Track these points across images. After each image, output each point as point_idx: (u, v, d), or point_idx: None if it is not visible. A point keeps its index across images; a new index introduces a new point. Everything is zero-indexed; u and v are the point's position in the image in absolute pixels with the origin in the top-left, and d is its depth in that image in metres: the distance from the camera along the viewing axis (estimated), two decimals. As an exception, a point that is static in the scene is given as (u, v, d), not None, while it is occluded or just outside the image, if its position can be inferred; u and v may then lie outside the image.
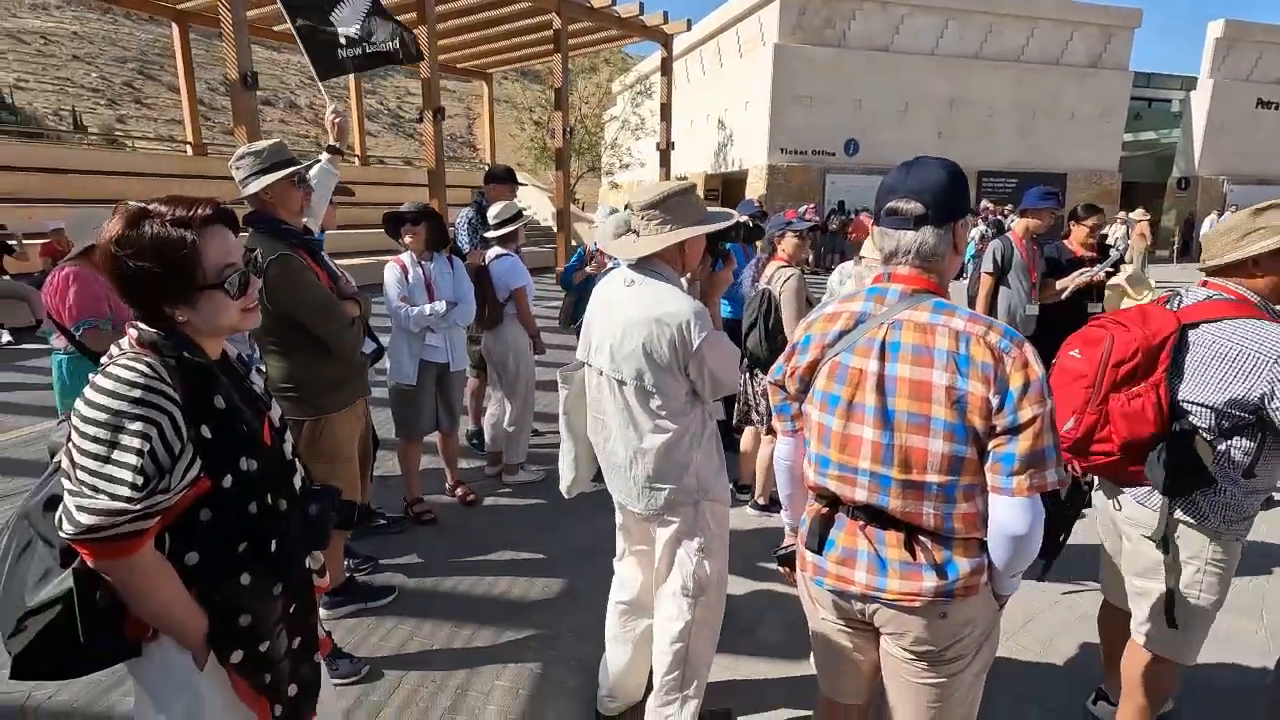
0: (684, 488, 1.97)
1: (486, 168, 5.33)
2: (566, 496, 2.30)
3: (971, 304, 4.31)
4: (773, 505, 3.85)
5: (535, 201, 20.68)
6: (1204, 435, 1.76)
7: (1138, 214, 13.06)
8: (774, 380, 1.60)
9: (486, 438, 4.48)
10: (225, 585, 1.26)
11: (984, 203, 17.09)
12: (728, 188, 21.77)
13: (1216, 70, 22.39)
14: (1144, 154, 24.26)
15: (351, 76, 15.45)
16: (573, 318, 4.60)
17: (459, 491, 3.97)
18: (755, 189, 19.30)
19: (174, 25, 13.86)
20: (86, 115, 39.27)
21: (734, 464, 4.17)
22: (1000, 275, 4.15)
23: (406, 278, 3.44)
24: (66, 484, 1.14)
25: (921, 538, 1.39)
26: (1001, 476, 1.31)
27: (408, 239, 3.47)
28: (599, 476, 2.21)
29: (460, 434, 4.27)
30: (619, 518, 2.23)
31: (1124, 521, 2.00)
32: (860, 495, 1.42)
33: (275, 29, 13.52)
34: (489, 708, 2.37)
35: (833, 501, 1.48)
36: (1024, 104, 20.78)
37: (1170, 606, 1.89)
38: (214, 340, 1.32)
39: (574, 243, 14.53)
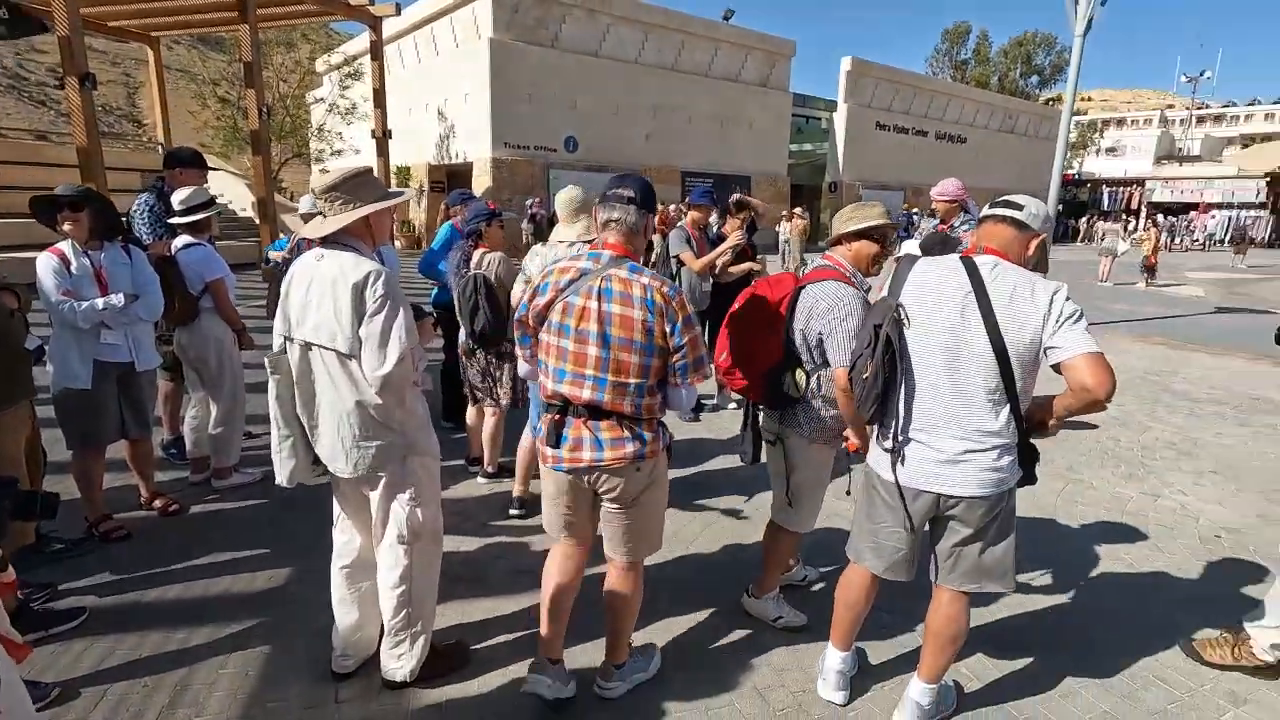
0: (390, 444, 2.18)
1: (160, 148, 4.70)
2: (288, 486, 2.32)
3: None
4: (501, 473, 4.20)
5: (230, 189, 18.24)
6: (805, 367, 2.51)
7: (798, 211, 16.02)
8: (519, 317, 2.19)
9: (188, 443, 4.12)
10: None
11: (688, 199, 19.32)
12: (452, 179, 21.46)
13: (849, 97, 28.06)
14: (805, 162, 29.43)
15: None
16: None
17: (158, 503, 3.63)
18: (480, 181, 19.37)
19: None
20: None
21: (464, 442, 4.48)
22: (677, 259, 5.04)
23: (69, 269, 3.05)
24: None
25: (624, 420, 2.07)
26: (680, 376, 2.09)
27: (67, 226, 3.08)
28: (320, 461, 2.29)
29: (155, 445, 3.88)
30: (334, 484, 2.36)
31: (765, 432, 2.73)
32: (585, 395, 2.06)
33: None
34: (215, 695, 2.36)
35: (563, 408, 2.10)
36: (715, 114, 23.85)
37: (786, 489, 2.67)
38: None
39: (280, 234, 13.25)
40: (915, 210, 25.87)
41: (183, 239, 3.82)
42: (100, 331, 3.13)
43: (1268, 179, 34.75)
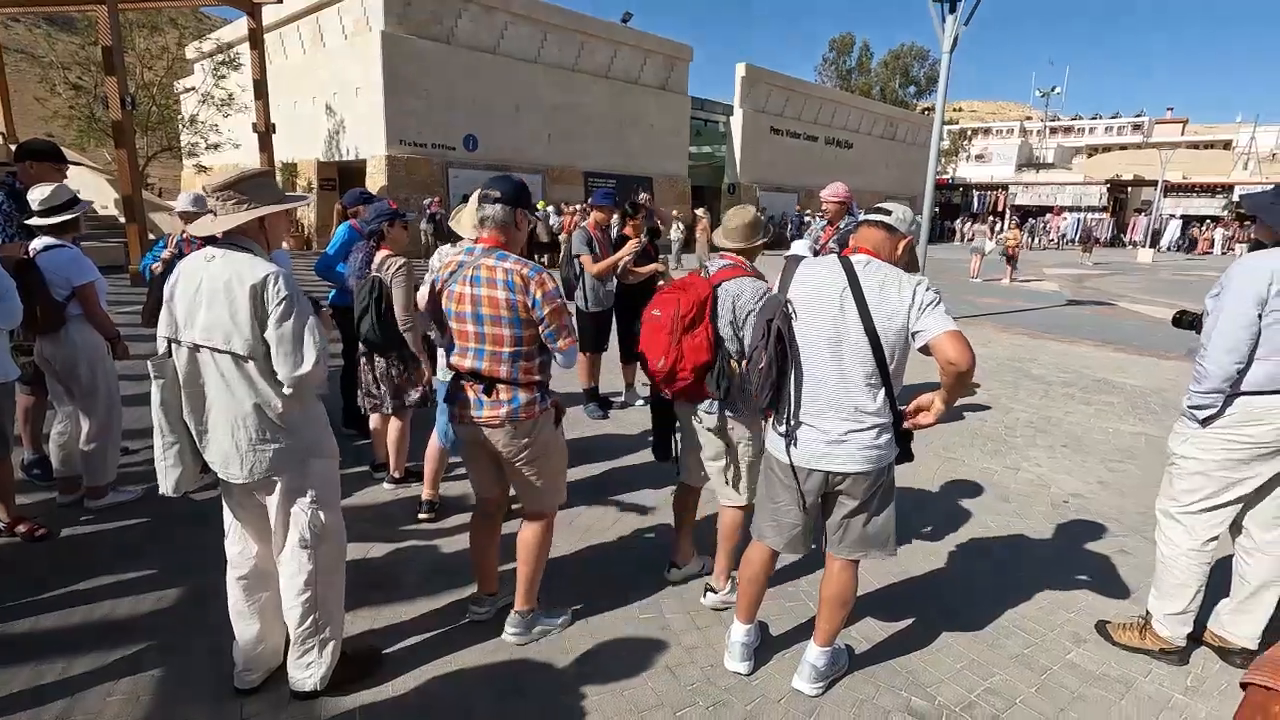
0: (288, 447, 2.15)
1: (2, 138, 4.21)
2: (174, 495, 2.23)
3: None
4: (408, 478, 4.13)
5: (89, 185, 16.63)
6: (734, 357, 2.66)
7: (700, 212, 16.43)
8: (430, 304, 2.54)
9: (54, 462, 3.78)
10: None
11: (590, 199, 19.39)
12: (345, 176, 20.52)
13: (744, 102, 29.08)
14: (705, 164, 30.24)
15: None
16: (156, 311, 4.12)
17: (21, 528, 3.33)
18: (375, 179, 18.62)
19: None
20: None
21: (367, 449, 4.36)
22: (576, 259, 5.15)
23: (-92, 274, 2.76)
24: None
25: (499, 385, 2.43)
26: (551, 342, 2.44)
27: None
28: (208, 469, 2.23)
29: (15, 465, 3.54)
30: (224, 490, 2.29)
31: (700, 425, 2.83)
32: (467, 364, 2.44)
33: None
34: (102, 723, 2.23)
35: (458, 374, 2.48)
36: (615, 115, 24.06)
37: (730, 471, 2.84)
38: None
39: (151, 235, 12.22)
40: (808, 211, 27.25)
41: (43, 240, 3.51)
42: (-51, 342, 2.84)
43: (1108, 185, 39.08)
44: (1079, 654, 2.77)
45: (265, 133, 14.81)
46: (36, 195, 3.50)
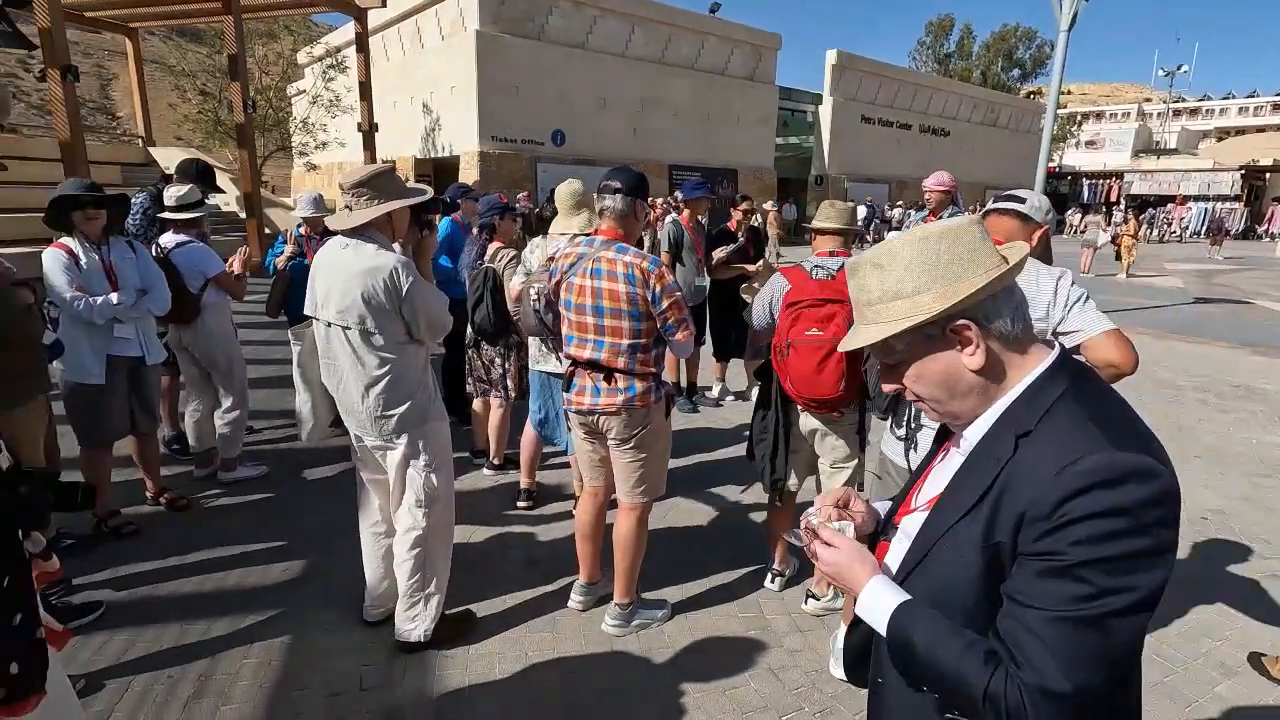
0: (408, 414, 2.38)
1: (140, 141, 4.61)
2: (307, 444, 2.56)
3: None
4: (507, 465, 4.24)
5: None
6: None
7: (768, 205, 16.10)
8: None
9: (190, 439, 4.11)
10: None
11: (676, 193, 19.35)
12: (439, 173, 21.30)
13: (834, 91, 28.19)
14: (791, 155, 29.54)
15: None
16: (282, 305, 4.40)
17: (164, 498, 3.64)
18: (468, 175, 19.24)
19: None
20: None
21: (471, 433, 4.51)
22: (676, 253, 5.06)
23: (78, 265, 3.05)
24: None
25: (616, 374, 2.46)
26: (670, 335, 2.47)
27: (85, 224, 3.07)
28: (336, 422, 2.57)
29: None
30: (356, 454, 2.57)
31: (832, 432, 2.69)
32: (586, 354, 2.48)
33: None
34: (240, 684, 2.39)
35: (575, 362, 2.53)
36: (701, 107, 23.85)
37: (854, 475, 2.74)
38: None
39: (267, 230, 13.10)
40: (899, 204, 26.17)
41: (173, 238, 3.79)
42: (113, 326, 3.12)
43: (1242, 172, 35.45)
44: (1229, 687, 2.51)
45: (369, 132, 15.55)
46: (172, 193, 3.79)
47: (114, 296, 3.08)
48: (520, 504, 3.81)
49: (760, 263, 5.38)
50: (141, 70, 15.80)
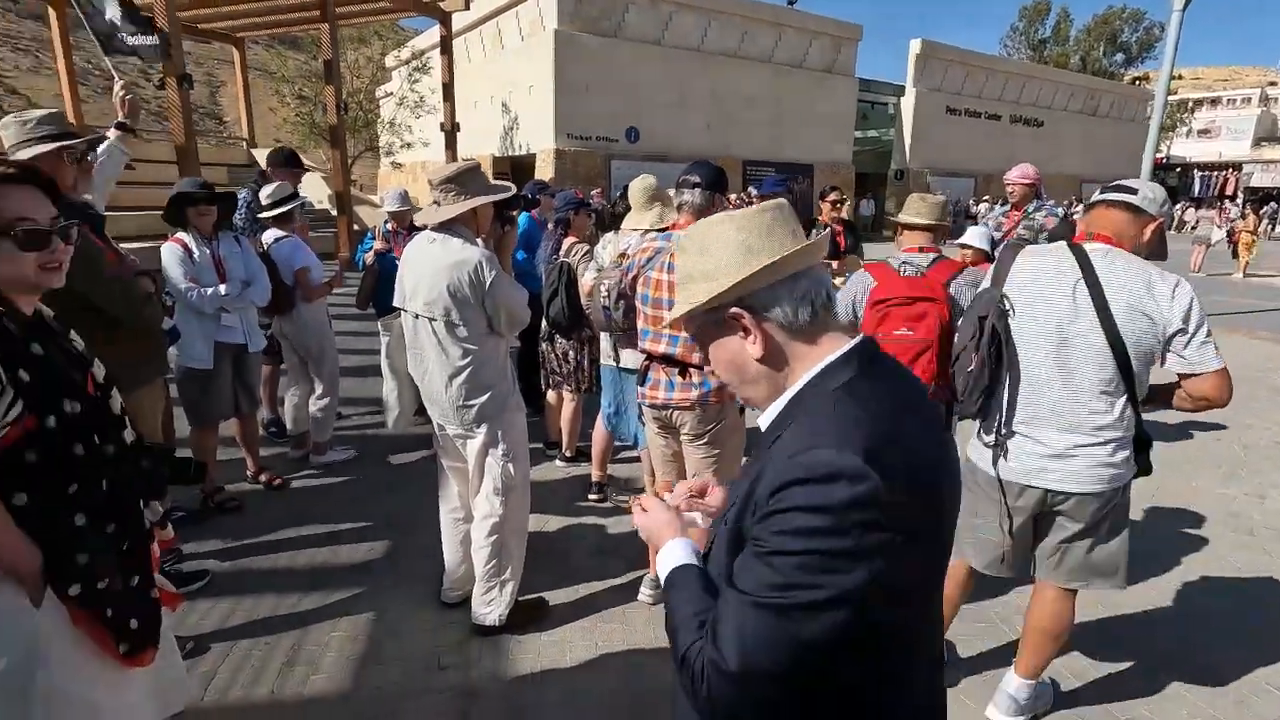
0: (488, 404, 2.47)
1: (244, 144, 4.96)
2: (393, 430, 2.64)
3: None
4: (579, 457, 4.30)
5: (308, 183, 19.03)
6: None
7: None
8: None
9: (288, 422, 4.37)
10: (60, 524, 1.34)
11: (750, 188, 19.10)
12: (516, 170, 21.79)
13: (917, 82, 27.13)
14: (870, 149, 28.63)
15: (54, 28, 13.02)
16: (371, 298, 4.60)
17: (263, 477, 3.88)
18: (544, 172, 19.61)
19: None
20: None
21: (543, 425, 4.60)
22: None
23: (191, 258, 3.29)
24: None
25: (690, 369, 2.43)
26: None
27: (198, 220, 3.32)
28: (420, 411, 2.61)
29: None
30: (438, 442, 2.67)
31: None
32: (661, 348, 2.47)
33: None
34: (328, 655, 2.53)
35: (650, 357, 2.53)
36: (777, 101, 23.44)
37: None
38: (24, 298, 1.39)
39: (356, 226, 13.76)
40: (985, 199, 24.93)
41: (273, 233, 4.02)
42: (220, 315, 3.36)
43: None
44: (1363, 730, 2.28)
45: (450, 132, 16.09)
46: (265, 192, 4.03)
47: (221, 288, 3.32)
48: (591, 496, 3.86)
49: (845, 259, 5.20)
50: (247, 77, 16.88)
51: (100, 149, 2.67)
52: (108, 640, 1.42)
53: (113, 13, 3.73)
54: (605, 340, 3.57)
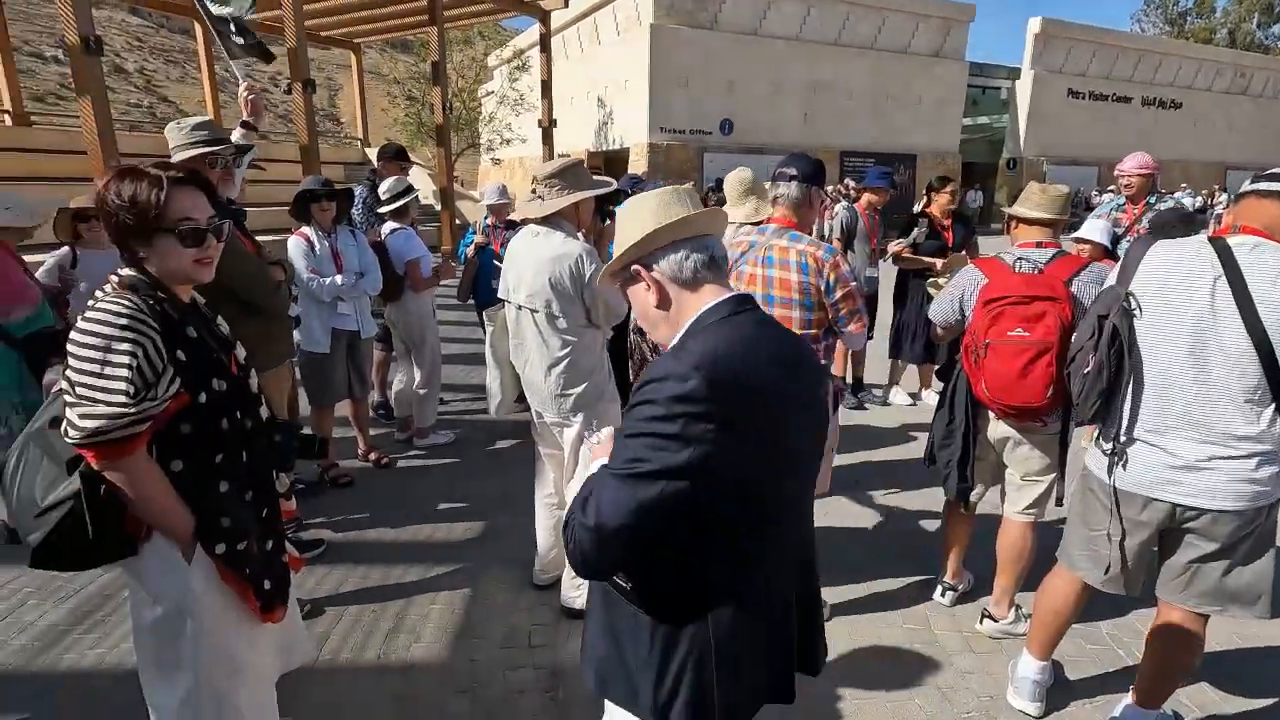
0: (585, 394, 2.53)
1: (359, 143, 5.31)
2: (495, 416, 2.87)
3: None
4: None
5: (415, 179, 20.07)
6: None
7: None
8: None
9: (395, 405, 4.65)
10: (208, 490, 1.50)
11: (846, 180, 18.50)
12: (610, 165, 22.09)
13: (1036, 63, 25.31)
14: (979, 137, 27.03)
15: (200, 40, 14.34)
16: (471, 290, 4.80)
17: (373, 456, 4.15)
18: (637, 166, 19.77)
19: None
20: None
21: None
22: (848, 241, 4.84)
23: (313, 250, 3.56)
24: (67, 398, 1.34)
25: None
26: (842, 325, 2.41)
27: (320, 215, 3.60)
28: (520, 399, 2.77)
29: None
30: (535, 429, 2.75)
31: (1031, 442, 2.44)
32: None
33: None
34: (428, 626, 2.69)
35: None
36: (877, 89, 22.53)
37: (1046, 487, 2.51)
38: (182, 287, 1.54)
39: (458, 221, 14.38)
40: (1109, 189, 22.94)
41: (390, 225, 4.27)
42: (336, 303, 3.62)
43: None
44: None
45: (548, 128, 16.50)
46: (383, 187, 4.27)
47: (338, 278, 3.57)
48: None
49: (949, 257, 4.94)
50: (363, 80, 17.97)
51: (246, 157, 2.92)
52: (250, 595, 1.57)
53: (232, 22, 4.25)
54: None
